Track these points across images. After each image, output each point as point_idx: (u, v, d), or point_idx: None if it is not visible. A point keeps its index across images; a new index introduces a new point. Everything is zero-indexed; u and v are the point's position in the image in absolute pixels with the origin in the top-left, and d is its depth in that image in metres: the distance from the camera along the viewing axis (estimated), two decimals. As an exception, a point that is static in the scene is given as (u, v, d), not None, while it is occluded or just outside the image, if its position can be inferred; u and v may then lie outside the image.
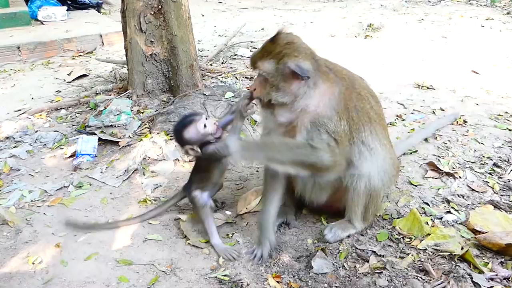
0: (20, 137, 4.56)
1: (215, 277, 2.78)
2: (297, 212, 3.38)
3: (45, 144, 4.47)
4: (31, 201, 3.61)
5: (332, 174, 2.82)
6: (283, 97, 2.68)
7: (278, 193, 3.08)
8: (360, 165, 2.87)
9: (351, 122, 2.76)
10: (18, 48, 7.55)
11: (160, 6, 4.78)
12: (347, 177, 2.92)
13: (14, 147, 4.42)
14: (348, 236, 3.06)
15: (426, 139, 4.29)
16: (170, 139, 4.28)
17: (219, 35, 8.63)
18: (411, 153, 4.07)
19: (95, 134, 4.44)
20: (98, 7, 10.82)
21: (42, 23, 9.09)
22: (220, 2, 12.67)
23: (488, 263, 2.75)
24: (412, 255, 2.84)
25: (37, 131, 4.70)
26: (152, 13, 4.79)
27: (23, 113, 5.19)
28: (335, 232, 3.04)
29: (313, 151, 2.68)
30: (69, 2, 10.24)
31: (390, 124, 4.52)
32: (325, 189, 3.03)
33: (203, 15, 10.48)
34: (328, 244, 2.99)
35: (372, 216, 3.11)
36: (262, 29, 8.86)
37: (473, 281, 2.60)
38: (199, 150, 2.89)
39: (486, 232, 2.96)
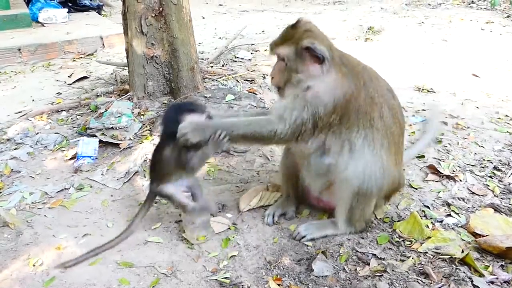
0: (21, 139, 4.57)
1: (216, 279, 2.78)
2: (299, 206, 3.43)
3: (46, 146, 4.48)
4: (32, 203, 3.62)
5: (285, 145, 3.01)
6: (300, 79, 2.78)
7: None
8: (343, 164, 2.88)
9: (345, 119, 2.79)
10: (19, 50, 7.59)
11: (161, 9, 4.79)
12: (334, 172, 2.94)
13: (15, 149, 4.43)
14: (325, 236, 3.08)
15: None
16: (171, 141, 4.28)
17: (220, 38, 8.65)
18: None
19: (96, 136, 4.44)
20: (98, 9, 10.86)
21: (43, 25, 9.13)
22: (220, 5, 12.71)
23: (489, 266, 2.75)
24: (412, 258, 2.84)
25: (38, 133, 4.71)
26: (153, 15, 4.80)
27: (23, 115, 5.20)
28: (309, 230, 3.09)
29: (271, 123, 2.80)
30: (70, 4, 10.30)
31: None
32: (320, 177, 3.06)
33: (203, 18, 10.51)
34: (328, 247, 2.99)
35: (360, 221, 3.06)
36: (263, 31, 8.87)
37: (473, 285, 2.60)
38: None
39: (486, 235, 2.96)
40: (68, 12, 9.65)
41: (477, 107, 5.08)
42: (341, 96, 2.76)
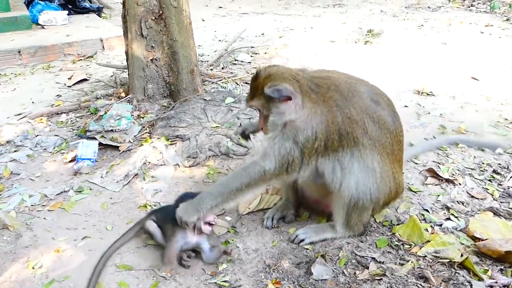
0: (20, 141, 4.57)
1: (215, 282, 2.77)
2: (298, 209, 3.44)
3: (45, 149, 4.48)
4: (31, 205, 3.62)
5: (281, 180, 2.99)
6: (276, 119, 2.85)
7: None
8: (337, 183, 2.91)
9: (329, 143, 2.84)
10: (19, 52, 7.58)
11: (161, 12, 4.80)
12: (329, 187, 2.97)
13: (15, 151, 4.43)
14: (324, 240, 3.09)
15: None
16: (171, 144, 4.29)
17: (219, 40, 8.65)
18: (410, 160, 4.07)
19: (95, 138, 4.45)
20: (98, 11, 10.87)
21: (43, 27, 9.13)
22: (220, 7, 12.72)
23: (488, 270, 2.75)
24: (411, 262, 2.84)
25: (37, 135, 4.71)
26: (153, 18, 4.81)
27: (23, 117, 5.20)
28: (307, 234, 3.10)
29: (255, 164, 2.87)
30: (70, 6, 10.31)
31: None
32: (317, 189, 3.15)
33: (203, 20, 10.52)
34: (328, 250, 3.00)
35: (357, 225, 3.07)
36: (262, 34, 8.88)
37: (472, 289, 2.61)
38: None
39: (485, 239, 2.96)
40: (68, 14, 9.65)
41: (477, 111, 5.09)
42: (318, 124, 2.81)
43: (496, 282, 2.64)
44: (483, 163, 4.01)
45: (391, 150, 2.97)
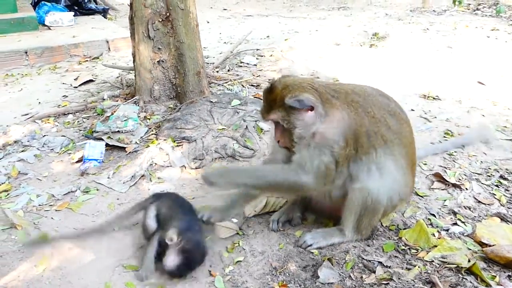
0: (28, 141, 4.59)
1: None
2: (304, 212, 3.43)
3: (52, 149, 4.50)
4: (39, 205, 3.63)
5: (314, 192, 2.96)
6: (303, 131, 2.81)
7: None
8: (365, 180, 2.90)
9: (360, 148, 2.82)
10: (26, 52, 7.62)
11: (168, 14, 4.81)
12: (349, 189, 2.96)
13: (22, 151, 4.44)
14: (332, 245, 3.08)
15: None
16: (177, 145, 4.30)
17: (225, 42, 8.67)
18: (417, 164, 4.06)
19: (102, 139, 4.46)
20: (104, 13, 10.91)
21: (49, 28, 9.18)
22: (225, 9, 12.75)
23: (496, 276, 2.74)
24: (418, 267, 2.84)
25: (44, 135, 4.72)
26: (160, 20, 4.82)
27: (30, 117, 5.22)
28: (315, 239, 3.09)
29: (295, 173, 2.81)
30: (76, 7, 10.36)
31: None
32: (327, 193, 3.10)
33: (208, 22, 10.54)
34: (334, 254, 3.00)
35: (367, 229, 3.08)
36: (268, 36, 8.90)
37: (480, 294, 2.61)
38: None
39: (493, 245, 2.96)
40: (74, 16, 9.70)
41: (483, 115, 5.08)
42: (346, 129, 2.79)
43: (504, 288, 2.64)
44: (490, 169, 4.00)
45: (411, 140, 3.07)
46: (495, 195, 3.63)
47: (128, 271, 2.92)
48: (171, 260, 2.77)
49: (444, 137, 4.57)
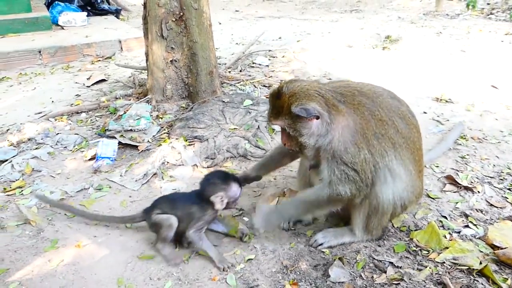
0: (41, 139, 4.63)
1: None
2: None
3: (65, 147, 4.54)
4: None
5: (358, 198, 2.92)
6: (309, 139, 2.83)
7: None
8: (377, 186, 2.89)
9: (372, 149, 2.80)
10: (39, 52, 7.70)
11: (181, 13, 4.84)
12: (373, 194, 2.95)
13: (36, 148, 4.49)
14: (343, 244, 3.09)
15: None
16: (189, 144, 4.32)
17: (237, 43, 8.70)
18: (429, 166, 4.05)
19: (115, 138, 4.50)
20: (116, 13, 11.00)
21: (63, 28, 9.28)
22: (237, 11, 12.80)
23: (507, 279, 2.73)
24: (430, 268, 2.83)
25: (58, 133, 4.77)
26: (174, 20, 4.86)
27: (43, 115, 5.28)
28: (326, 238, 3.10)
29: (332, 189, 2.84)
30: (89, 8, 10.46)
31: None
32: None
33: (220, 23, 10.59)
34: (345, 254, 3.00)
35: (377, 229, 3.07)
36: (280, 38, 8.91)
37: (491, 297, 2.61)
38: (225, 202, 3.05)
39: (505, 248, 2.94)
40: (87, 16, 9.79)
41: (496, 119, 5.05)
42: (354, 134, 2.78)
43: (516, 291, 2.63)
44: (502, 172, 3.98)
45: (419, 145, 3.03)
46: (507, 198, 3.60)
47: (140, 268, 2.94)
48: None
49: (457, 140, 4.54)
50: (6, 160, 4.26)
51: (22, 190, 3.85)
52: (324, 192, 2.87)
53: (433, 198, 3.63)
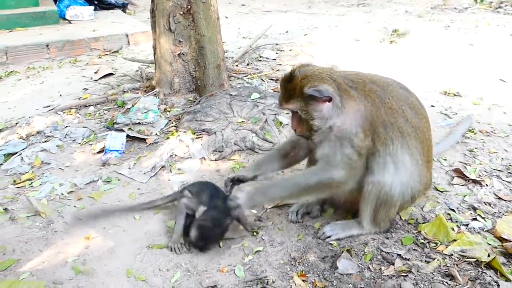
0: (50, 132, 4.67)
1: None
2: (323, 205, 3.44)
3: (74, 140, 4.57)
4: (62, 194, 3.70)
5: (348, 186, 2.90)
6: (319, 122, 2.80)
7: None
8: (381, 174, 2.89)
9: (376, 138, 2.81)
10: (47, 46, 7.75)
11: (189, 7, 4.85)
12: (365, 182, 2.95)
13: (45, 141, 4.53)
14: (351, 236, 3.10)
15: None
16: (197, 137, 4.34)
17: (243, 37, 8.70)
18: (437, 159, 4.04)
19: (123, 131, 4.53)
20: (123, 7, 11.02)
21: (70, 22, 9.31)
22: (243, 5, 12.77)
23: (516, 271, 2.73)
24: (438, 260, 2.83)
25: (66, 126, 4.80)
26: (181, 13, 4.86)
27: (52, 109, 5.31)
28: (334, 230, 3.10)
29: (325, 171, 2.83)
30: (96, 2, 10.48)
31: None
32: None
33: (226, 17, 10.56)
34: (353, 246, 3.01)
35: (384, 221, 3.08)
36: (287, 31, 8.90)
37: (500, 289, 2.60)
38: None
39: (513, 241, 2.95)
40: (94, 10, 9.82)
41: (505, 113, 5.02)
42: (364, 120, 2.78)
43: (524, 283, 2.62)
44: (511, 165, 3.96)
45: (428, 136, 3.02)
46: (516, 191, 3.60)
47: (149, 259, 2.97)
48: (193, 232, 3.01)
49: (465, 134, 4.52)
50: (16, 153, 4.30)
51: (31, 183, 3.88)
52: (316, 175, 2.86)
53: (441, 191, 3.62)
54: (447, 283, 2.66)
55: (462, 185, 3.70)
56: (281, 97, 2.92)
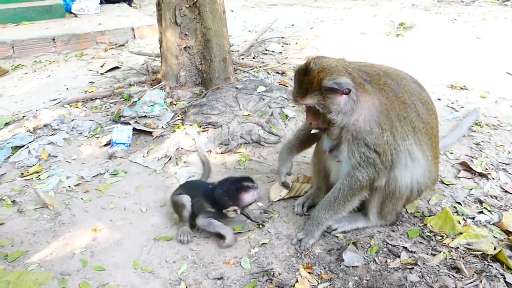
0: (57, 125, 4.70)
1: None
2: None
3: (81, 133, 4.60)
4: (69, 186, 3.73)
5: (379, 182, 2.89)
6: (337, 116, 2.76)
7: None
8: (397, 170, 2.88)
9: (395, 131, 2.78)
10: (53, 39, 7.77)
11: (195, 0, 4.84)
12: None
13: (52, 134, 4.56)
14: (356, 229, 3.11)
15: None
16: (203, 130, 4.35)
17: (249, 31, 8.68)
18: (443, 153, 4.03)
19: (129, 124, 4.54)
20: (129, 1, 11.05)
21: (76, 16, 9.33)
22: (249, -2, 12.73)
23: (522, 264, 2.73)
24: (444, 253, 2.84)
25: (73, 120, 4.83)
26: (188, 6, 4.85)
27: (58, 102, 5.33)
28: (340, 223, 3.10)
29: (350, 177, 2.84)
30: (102, -5, 10.47)
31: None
32: None
33: (232, 11, 10.54)
34: (359, 238, 3.02)
35: (391, 214, 3.08)
36: (293, 25, 8.87)
37: (506, 281, 2.61)
38: (239, 212, 3.08)
39: (519, 234, 2.94)
40: (100, 4, 9.83)
41: (511, 106, 5.00)
42: (379, 114, 2.76)
43: (530, 276, 2.62)
44: (517, 158, 3.95)
45: (436, 132, 3.02)
46: (522, 185, 3.59)
47: (156, 251, 2.99)
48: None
49: (472, 127, 4.50)
50: (23, 146, 4.33)
51: (39, 175, 3.91)
52: (345, 184, 2.87)
53: (447, 184, 3.62)
54: (453, 275, 2.66)
55: (469, 179, 3.70)
56: (296, 92, 2.86)
